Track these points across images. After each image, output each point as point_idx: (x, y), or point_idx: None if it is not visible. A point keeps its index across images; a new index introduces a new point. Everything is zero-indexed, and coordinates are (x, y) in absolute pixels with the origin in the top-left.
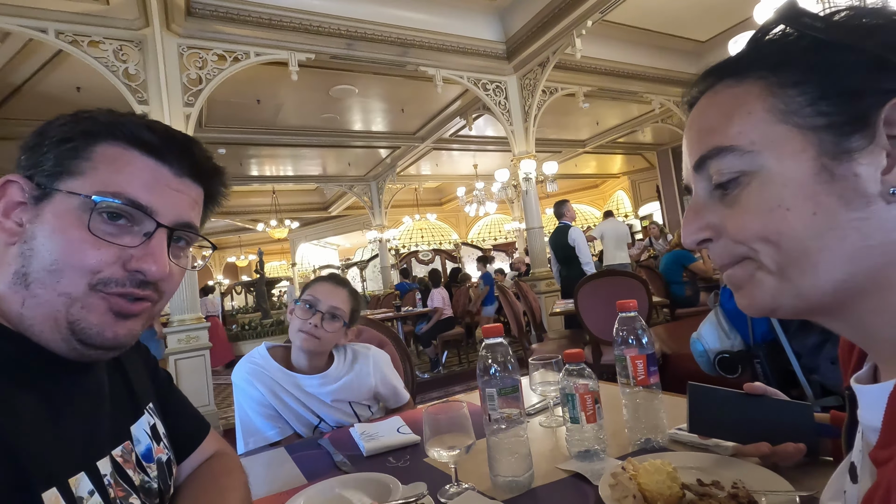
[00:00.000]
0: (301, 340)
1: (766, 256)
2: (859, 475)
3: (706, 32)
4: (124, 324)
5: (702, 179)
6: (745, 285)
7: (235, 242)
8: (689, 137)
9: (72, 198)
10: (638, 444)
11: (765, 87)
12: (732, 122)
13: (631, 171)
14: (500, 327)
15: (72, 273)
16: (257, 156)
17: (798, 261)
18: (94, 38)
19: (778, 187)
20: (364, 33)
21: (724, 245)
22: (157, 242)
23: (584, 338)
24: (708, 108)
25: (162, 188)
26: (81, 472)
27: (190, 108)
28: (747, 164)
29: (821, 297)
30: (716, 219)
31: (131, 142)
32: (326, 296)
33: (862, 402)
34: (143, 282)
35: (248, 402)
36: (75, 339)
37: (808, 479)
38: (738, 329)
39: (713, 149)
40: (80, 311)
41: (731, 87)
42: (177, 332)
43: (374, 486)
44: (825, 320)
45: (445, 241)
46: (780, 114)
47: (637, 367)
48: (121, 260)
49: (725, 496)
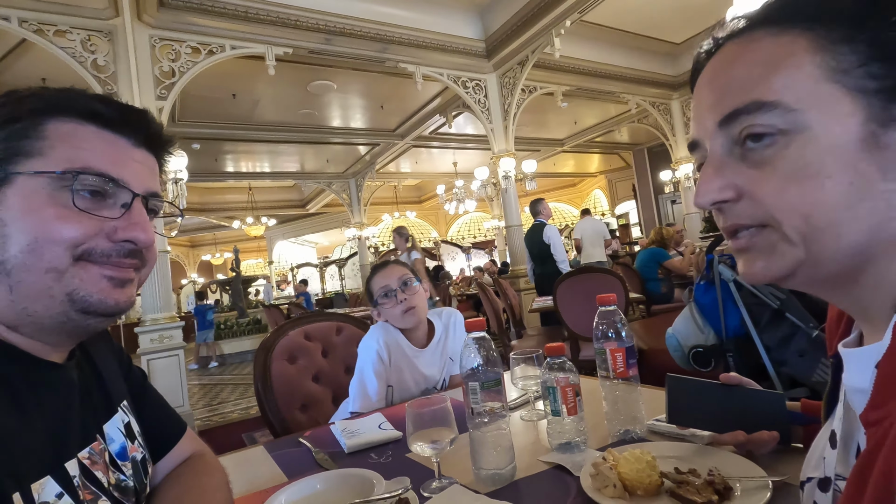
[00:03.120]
0: (410, 319)
1: (791, 227)
2: (839, 441)
3: (681, 35)
4: (122, 290)
5: (723, 135)
6: (760, 254)
7: (210, 240)
8: (716, 87)
9: (38, 178)
10: (617, 436)
11: (813, 39)
12: (777, 75)
13: (608, 170)
14: (483, 321)
15: (53, 247)
16: (233, 151)
17: (823, 232)
18: (61, 28)
19: (820, 152)
20: (343, 28)
21: (745, 208)
22: (138, 212)
23: (562, 334)
24: (742, 56)
25: (125, 160)
26: (47, 476)
27: (162, 101)
28: (790, 123)
29: (836, 268)
30: (740, 179)
31: (85, 116)
32: (389, 278)
33: (849, 364)
34: (132, 251)
35: (377, 365)
36: (75, 310)
37: (781, 465)
38: (711, 324)
39: (752, 103)
40: (73, 281)
41: (773, 36)
42: (149, 331)
43: (356, 481)
44: (824, 289)
45: (425, 239)
46: (829, 71)
47: (616, 360)
48: (103, 232)
49: (702, 483)
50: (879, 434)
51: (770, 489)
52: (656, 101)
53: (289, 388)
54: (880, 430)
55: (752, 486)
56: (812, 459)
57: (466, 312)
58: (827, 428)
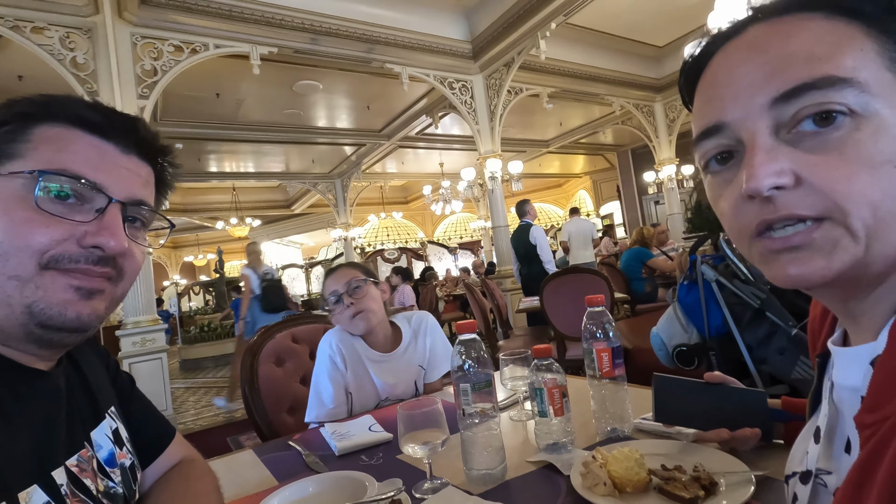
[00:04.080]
0: (359, 323)
1: (859, 220)
2: (822, 436)
3: (664, 38)
4: (88, 303)
5: (771, 117)
6: (819, 252)
7: (193, 241)
8: (765, 61)
9: (13, 179)
10: (605, 434)
11: (866, 27)
12: (845, 54)
13: (592, 171)
14: (474, 323)
15: (18, 254)
16: (216, 151)
17: (886, 226)
18: (39, 24)
19: (891, 139)
20: (329, 28)
21: (804, 197)
22: (111, 217)
23: (548, 334)
24: (798, 33)
25: (110, 165)
26: (34, 485)
27: (144, 100)
28: (862, 105)
29: (882, 268)
30: (798, 165)
31: (73, 121)
32: (337, 282)
33: (839, 362)
34: (102, 258)
35: (331, 371)
36: (34, 323)
37: (763, 461)
38: (694, 323)
39: (824, 77)
40: (34, 291)
41: (826, 20)
42: (131, 334)
43: (349, 484)
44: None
45: (412, 240)
46: (889, 60)
47: (602, 360)
48: (73, 237)
49: (689, 479)
50: (879, 438)
51: (753, 483)
52: (640, 104)
53: (276, 391)
54: (878, 433)
55: (737, 481)
56: (796, 455)
57: (453, 313)
58: (812, 424)
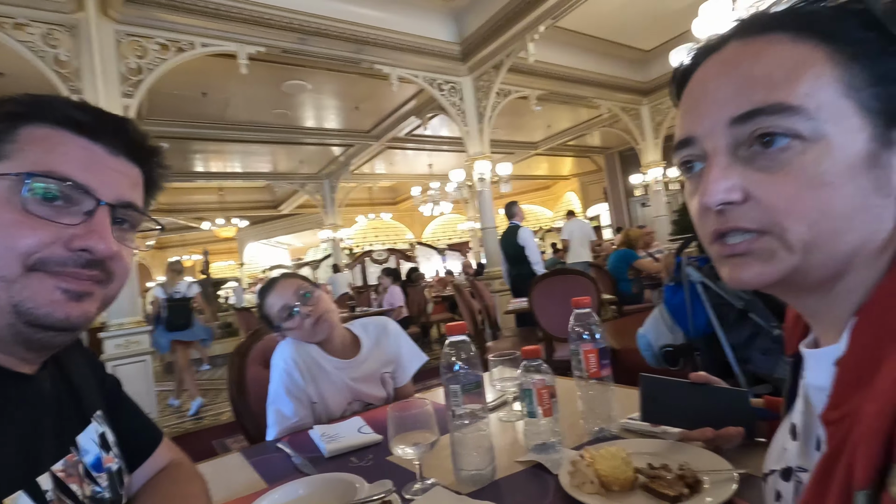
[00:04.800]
0: (322, 328)
1: (796, 234)
2: (799, 433)
3: (650, 42)
4: (78, 305)
5: (731, 134)
6: (757, 260)
7: (178, 241)
8: (731, 82)
9: None
10: (593, 434)
11: (829, 53)
12: (800, 81)
13: (580, 173)
14: (464, 325)
15: (4, 255)
16: (203, 151)
17: (823, 241)
18: (20, 21)
19: (834, 163)
20: (318, 28)
21: (750, 212)
22: (99, 219)
23: (537, 335)
24: (763, 55)
25: (98, 167)
26: (19, 491)
27: (129, 99)
28: (809, 130)
29: (822, 275)
30: (748, 182)
31: (61, 122)
32: (284, 295)
33: (809, 364)
34: (91, 261)
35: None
36: (22, 322)
37: (746, 459)
38: (680, 324)
39: (775, 104)
40: (21, 291)
41: (792, 42)
42: (115, 336)
43: (339, 485)
44: (797, 295)
45: (400, 241)
46: (845, 86)
47: (590, 361)
48: (61, 240)
49: (674, 477)
50: (840, 434)
51: (736, 481)
52: (627, 107)
53: (264, 393)
54: (840, 429)
55: (720, 479)
56: (773, 452)
57: (442, 314)
58: (787, 421)
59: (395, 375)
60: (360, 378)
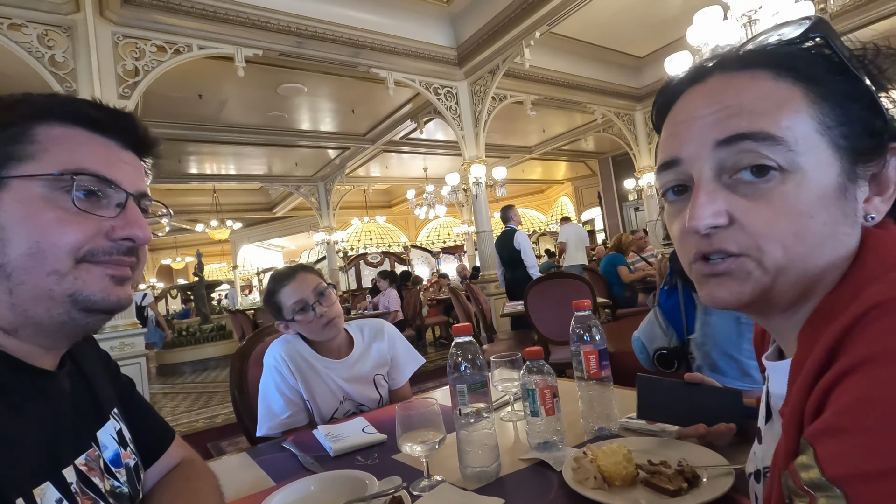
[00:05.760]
0: (330, 331)
1: (771, 259)
2: (763, 437)
3: (644, 49)
4: (123, 288)
5: (715, 157)
6: (734, 280)
7: (171, 243)
8: (720, 106)
9: (34, 181)
10: (593, 433)
11: (805, 92)
12: (783, 114)
13: (574, 177)
14: (470, 326)
15: (56, 252)
16: (197, 153)
17: (795, 264)
18: (16, 21)
19: (809, 193)
20: (315, 32)
21: (734, 235)
22: (133, 211)
23: (532, 338)
24: (746, 89)
25: (117, 161)
26: (47, 482)
27: (125, 100)
28: (789, 162)
29: (792, 296)
30: (733, 207)
31: (76, 120)
32: (303, 290)
33: (771, 375)
34: (131, 249)
35: (279, 382)
36: (77, 309)
37: (740, 455)
38: (674, 327)
39: (760, 132)
40: (74, 282)
41: (773, 79)
42: (109, 338)
43: (349, 482)
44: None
45: (395, 244)
46: (818, 124)
47: (590, 362)
48: (102, 231)
49: (673, 472)
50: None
51: (733, 476)
52: (621, 112)
53: None
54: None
55: (717, 474)
56: (749, 458)
57: (436, 317)
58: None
59: (390, 378)
60: (350, 378)
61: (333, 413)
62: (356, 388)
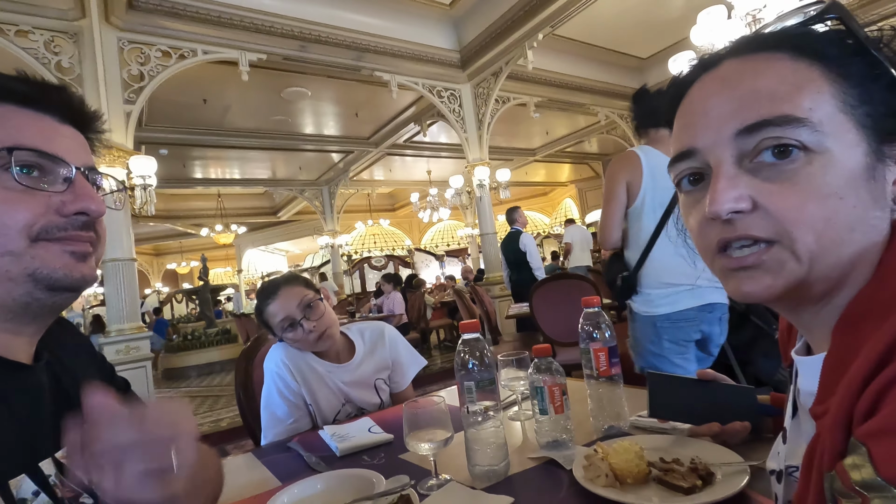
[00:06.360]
0: (324, 343)
1: (803, 245)
2: (788, 436)
3: (647, 50)
4: (86, 264)
5: (736, 146)
6: (767, 272)
7: (176, 248)
8: (735, 96)
9: None
10: (602, 431)
11: (825, 71)
12: (803, 96)
13: (578, 179)
14: (477, 323)
15: (7, 232)
16: (202, 157)
17: (828, 251)
18: (23, 28)
19: (837, 174)
20: (318, 36)
21: (758, 221)
22: (82, 184)
23: (537, 339)
24: (767, 71)
25: (56, 136)
26: (23, 475)
27: (131, 105)
28: (814, 142)
29: (824, 287)
30: (756, 191)
31: (4, 97)
32: (287, 306)
33: (801, 370)
34: (86, 223)
35: (281, 387)
36: (40, 288)
37: (755, 453)
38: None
39: (781, 116)
40: (32, 261)
41: (791, 60)
42: (115, 342)
43: (357, 481)
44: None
45: (399, 247)
46: (841, 103)
47: (599, 359)
48: (52, 207)
49: (686, 470)
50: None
51: (748, 473)
52: (624, 114)
53: None
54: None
55: (732, 472)
56: (771, 455)
57: (441, 320)
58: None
59: (392, 380)
60: (352, 382)
61: (336, 416)
62: (357, 392)
